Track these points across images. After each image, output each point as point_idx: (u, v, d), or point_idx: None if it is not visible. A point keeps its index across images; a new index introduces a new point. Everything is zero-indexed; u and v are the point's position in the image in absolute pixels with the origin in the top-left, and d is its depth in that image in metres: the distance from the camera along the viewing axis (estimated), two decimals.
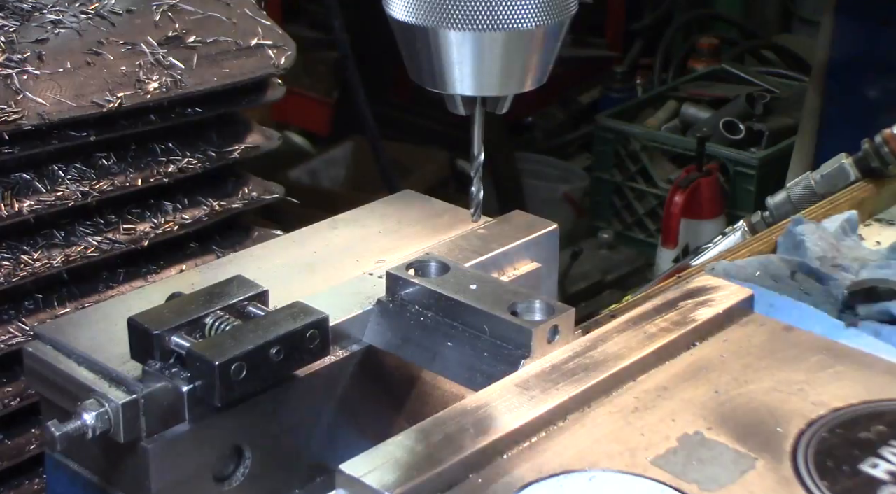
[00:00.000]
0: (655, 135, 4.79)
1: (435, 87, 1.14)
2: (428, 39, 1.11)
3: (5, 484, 1.61)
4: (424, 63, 1.13)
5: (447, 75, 1.13)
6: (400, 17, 1.11)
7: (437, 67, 1.12)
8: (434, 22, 1.09)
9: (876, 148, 1.98)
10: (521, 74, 1.14)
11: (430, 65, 1.12)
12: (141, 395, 1.09)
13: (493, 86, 1.14)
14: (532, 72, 1.14)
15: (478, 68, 1.11)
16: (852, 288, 1.59)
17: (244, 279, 1.22)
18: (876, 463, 1.03)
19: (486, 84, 1.13)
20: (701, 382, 1.16)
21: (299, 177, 4.72)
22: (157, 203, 1.74)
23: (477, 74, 1.12)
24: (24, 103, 1.52)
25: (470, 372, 1.21)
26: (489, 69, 1.12)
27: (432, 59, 1.12)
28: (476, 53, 1.10)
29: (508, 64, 1.12)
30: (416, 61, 1.14)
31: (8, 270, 1.55)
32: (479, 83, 1.13)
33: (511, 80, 1.14)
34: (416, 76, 1.15)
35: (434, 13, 1.09)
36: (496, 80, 1.13)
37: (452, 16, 1.08)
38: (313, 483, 1.23)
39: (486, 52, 1.10)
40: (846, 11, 3.51)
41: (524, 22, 1.09)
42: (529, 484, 1.01)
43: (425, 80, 1.15)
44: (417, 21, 1.10)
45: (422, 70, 1.14)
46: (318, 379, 1.20)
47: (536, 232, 1.42)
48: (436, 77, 1.14)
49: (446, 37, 1.10)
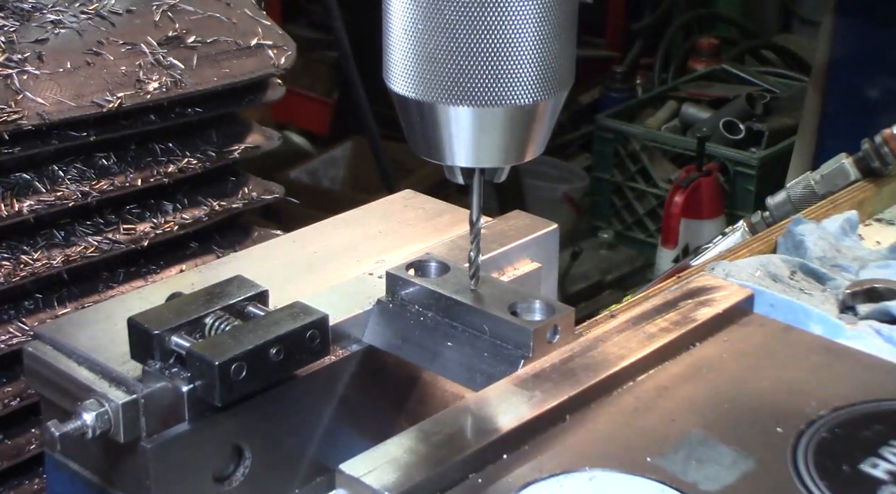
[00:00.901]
0: (655, 135, 4.79)
1: (433, 158, 1.15)
2: (426, 113, 1.11)
3: (5, 484, 1.62)
4: (422, 135, 1.14)
5: (445, 148, 1.13)
6: (398, 90, 1.12)
7: (434, 140, 1.13)
8: (432, 97, 1.10)
9: (876, 148, 1.98)
10: (520, 146, 1.15)
11: (427, 137, 1.13)
12: (141, 395, 1.09)
13: (492, 158, 1.14)
14: (532, 143, 1.15)
15: (476, 142, 1.12)
16: (852, 288, 1.59)
17: (244, 279, 1.22)
18: (876, 463, 1.03)
19: (485, 157, 1.14)
20: (701, 382, 1.16)
21: (299, 177, 4.72)
22: (157, 203, 1.74)
23: (475, 148, 1.13)
24: (24, 103, 1.52)
25: (470, 372, 1.20)
26: (488, 143, 1.13)
27: (430, 132, 1.13)
28: (474, 128, 1.11)
29: (507, 137, 1.13)
30: (414, 132, 1.14)
31: (8, 270, 1.55)
32: (477, 156, 1.14)
33: (510, 153, 1.15)
34: (415, 146, 1.16)
35: (432, 88, 1.10)
36: (495, 153, 1.14)
37: (450, 91, 1.09)
38: (313, 483, 1.23)
39: (485, 126, 1.11)
40: (846, 11, 3.51)
41: (523, 98, 1.10)
42: (529, 484, 1.01)
43: (422, 150, 1.15)
44: (415, 95, 1.11)
45: (420, 141, 1.15)
46: (318, 379, 1.20)
47: (536, 232, 1.42)
48: (433, 149, 1.14)
49: (444, 111, 1.10)
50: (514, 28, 1.07)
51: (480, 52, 1.07)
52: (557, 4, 1.08)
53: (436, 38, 1.08)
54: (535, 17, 1.07)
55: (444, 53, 1.08)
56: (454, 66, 1.08)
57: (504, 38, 1.07)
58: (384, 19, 1.12)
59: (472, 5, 1.06)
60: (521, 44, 1.08)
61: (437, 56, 1.08)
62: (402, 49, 1.10)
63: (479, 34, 1.06)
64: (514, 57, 1.08)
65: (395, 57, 1.11)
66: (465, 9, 1.06)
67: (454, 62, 1.08)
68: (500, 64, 1.08)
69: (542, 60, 1.09)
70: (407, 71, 1.11)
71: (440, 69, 1.09)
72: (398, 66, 1.11)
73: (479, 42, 1.07)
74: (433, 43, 1.08)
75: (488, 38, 1.07)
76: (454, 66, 1.08)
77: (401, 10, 1.09)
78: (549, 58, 1.09)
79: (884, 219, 1.96)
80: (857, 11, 3.49)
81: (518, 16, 1.06)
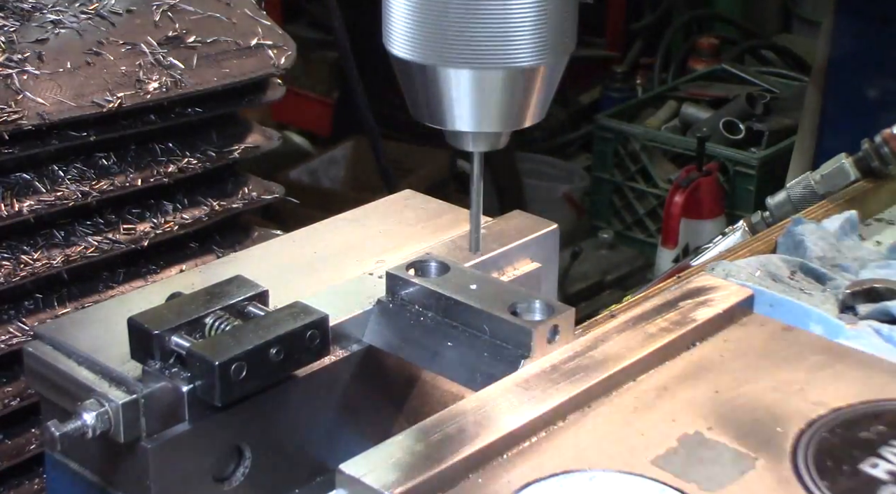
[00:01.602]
0: (655, 135, 4.79)
1: (433, 123, 1.15)
2: (426, 76, 1.11)
3: (5, 484, 1.62)
4: (423, 99, 1.14)
5: (446, 112, 1.14)
6: (399, 54, 1.12)
7: (435, 104, 1.13)
8: (432, 60, 1.10)
9: (876, 148, 1.98)
10: (520, 111, 1.15)
11: (429, 101, 1.13)
12: (141, 395, 1.09)
13: (492, 122, 1.15)
14: (531, 108, 1.15)
15: (477, 105, 1.12)
16: (852, 288, 1.59)
17: (244, 279, 1.22)
18: (876, 463, 1.03)
19: (485, 121, 1.14)
20: (701, 382, 1.16)
21: (299, 177, 4.72)
22: (157, 203, 1.74)
23: (476, 111, 1.13)
24: (24, 103, 1.52)
25: (470, 372, 1.20)
26: (488, 106, 1.13)
27: (431, 96, 1.13)
28: (475, 91, 1.11)
29: (507, 101, 1.13)
30: (415, 97, 1.15)
31: (8, 270, 1.55)
32: (477, 120, 1.14)
33: (510, 117, 1.15)
34: (415, 112, 1.17)
35: (432, 51, 1.10)
36: (495, 117, 1.14)
37: (451, 54, 1.09)
38: (313, 483, 1.23)
39: (485, 89, 1.11)
40: (846, 11, 3.51)
41: (523, 60, 1.10)
42: (529, 484, 1.01)
43: (424, 115, 1.16)
44: (416, 58, 1.11)
45: (420, 106, 1.15)
46: (318, 379, 1.20)
47: (536, 232, 1.42)
48: (434, 113, 1.14)
49: (445, 74, 1.10)
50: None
51: (480, 14, 1.07)
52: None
53: (435, 1, 1.08)
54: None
55: (444, 15, 1.08)
56: (454, 29, 1.08)
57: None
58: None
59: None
60: (521, 5, 1.07)
61: (437, 18, 1.08)
62: (401, 12, 1.10)
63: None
64: (515, 19, 1.08)
65: (395, 20, 1.11)
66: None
67: (454, 24, 1.08)
68: (501, 26, 1.08)
69: (543, 23, 1.09)
70: (407, 34, 1.10)
71: (440, 31, 1.08)
72: (398, 29, 1.11)
73: (480, 4, 1.07)
74: (433, 5, 1.08)
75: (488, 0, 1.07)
76: (454, 29, 1.08)
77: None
78: (551, 21, 1.09)
79: (884, 219, 1.96)
80: (857, 11, 3.49)
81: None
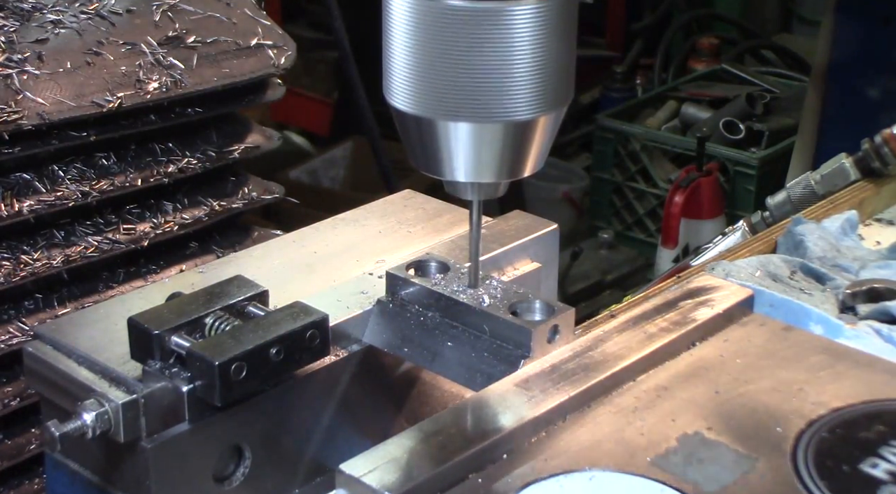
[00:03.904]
0: (655, 135, 4.79)
1: (432, 173, 1.15)
2: (424, 128, 1.12)
3: (5, 484, 1.62)
4: (421, 149, 1.14)
5: (444, 162, 1.14)
6: (398, 105, 1.12)
7: (433, 155, 1.13)
8: (431, 112, 1.10)
9: (876, 148, 1.98)
10: (519, 161, 1.15)
11: (427, 152, 1.13)
12: (141, 395, 1.09)
13: (491, 173, 1.15)
14: (531, 158, 1.15)
15: (475, 157, 1.13)
16: (852, 289, 1.59)
17: (244, 279, 1.22)
18: (876, 463, 1.03)
19: (484, 172, 1.14)
20: (701, 382, 1.16)
21: (299, 177, 4.72)
22: (157, 203, 1.74)
23: (474, 163, 1.13)
24: (24, 103, 1.52)
25: (470, 372, 1.21)
26: (486, 158, 1.13)
27: (429, 147, 1.13)
28: (473, 143, 1.11)
29: (506, 153, 1.13)
30: (414, 147, 1.15)
31: (8, 270, 1.55)
32: (476, 171, 1.14)
33: (509, 168, 1.15)
34: (415, 161, 1.17)
35: (431, 104, 1.10)
36: (493, 168, 1.14)
37: (448, 107, 1.09)
38: (313, 483, 1.23)
39: (484, 141, 1.12)
40: (846, 11, 3.51)
41: (522, 113, 1.10)
42: (529, 484, 1.01)
43: (422, 165, 1.16)
44: (414, 111, 1.11)
45: (419, 156, 1.15)
46: (318, 379, 1.20)
47: (536, 232, 1.42)
48: (432, 163, 1.14)
49: (443, 126, 1.10)
50: (513, 44, 1.07)
51: (478, 69, 1.07)
52: (556, 20, 1.08)
53: (434, 55, 1.08)
54: (534, 34, 1.07)
55: (442, 70, 1.08)
56: (452, 83, 1.08)
57: (502, 54, 1.07)
58: (384, 36, 1.12)
59: (470, 22, 1.06)
60: (519, 60, 1.07)
61: (435, 72, 1.08)
62: (401, 65, 1.10)
63: (477, 51, 1.06)
64: (513, 73, 1.08)
65: (395, 72, 1.12)
66: (463, 26, 1.06)
67: (452, 78, 1.08)
68: (499, 80, 1.08)
69: (540, 76, 1.09)
70: (406, 87, 1.11)
71: (438, 85, 1.09)
72: (397, 81, 1.12)
73: (477, 58, 1.07)
74: (431, 59, 1.08)
75: (486, 54, 1.07)
76: (452, 83, 1.08)
77: (400, 27, 1.09)
78: (548, 73, 1.09)
79: (884, 219, 1.96)
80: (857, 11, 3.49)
81: (516, 32, 1.06)
